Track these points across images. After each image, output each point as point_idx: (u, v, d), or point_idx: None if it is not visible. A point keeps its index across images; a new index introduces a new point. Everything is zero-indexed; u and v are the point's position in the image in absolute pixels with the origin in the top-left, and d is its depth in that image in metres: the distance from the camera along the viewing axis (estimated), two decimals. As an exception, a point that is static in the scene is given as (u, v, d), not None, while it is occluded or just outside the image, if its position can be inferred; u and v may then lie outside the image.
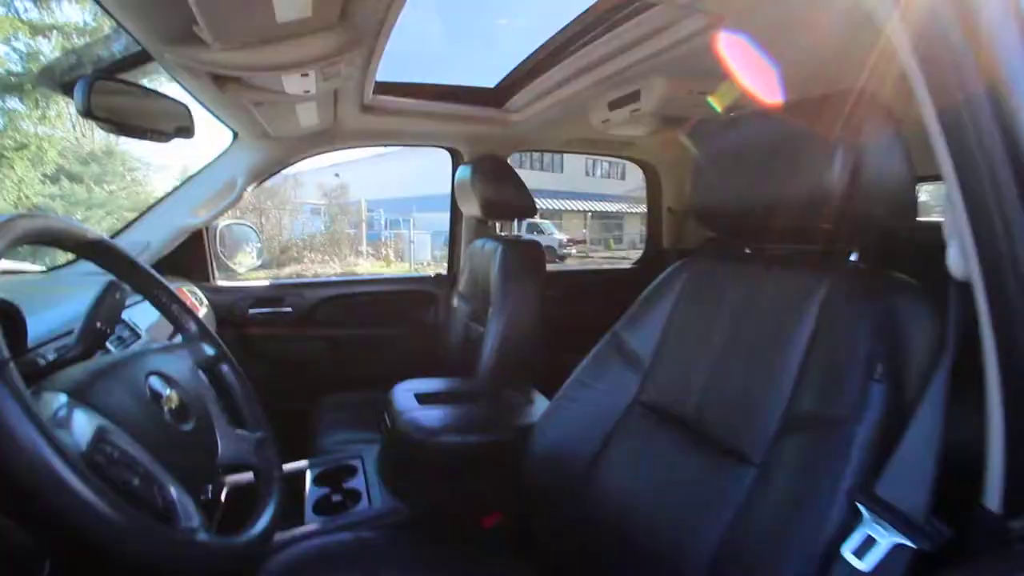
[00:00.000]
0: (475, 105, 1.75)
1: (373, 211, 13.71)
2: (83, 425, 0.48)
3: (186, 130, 1.10)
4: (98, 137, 10.35)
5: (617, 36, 1.10)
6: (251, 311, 1.94)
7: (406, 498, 1.14)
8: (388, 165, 17.29)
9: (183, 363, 0.71)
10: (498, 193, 1.66)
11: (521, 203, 1.70)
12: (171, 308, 0.77)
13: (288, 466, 1.29)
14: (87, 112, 0.85)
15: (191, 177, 1.72)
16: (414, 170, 14.76)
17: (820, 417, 0.64)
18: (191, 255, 1.85)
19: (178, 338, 0.81)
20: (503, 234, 1.89)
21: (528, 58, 1.47)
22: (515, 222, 1.84)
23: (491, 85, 1.74)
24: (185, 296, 1.64)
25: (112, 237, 1.70)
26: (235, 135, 1.66)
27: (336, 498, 1.18)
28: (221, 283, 1.96)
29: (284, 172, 1.94)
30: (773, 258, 0.86)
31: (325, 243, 11.98)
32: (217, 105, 1.28)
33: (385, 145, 1.98)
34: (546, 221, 16.53)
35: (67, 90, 0.83)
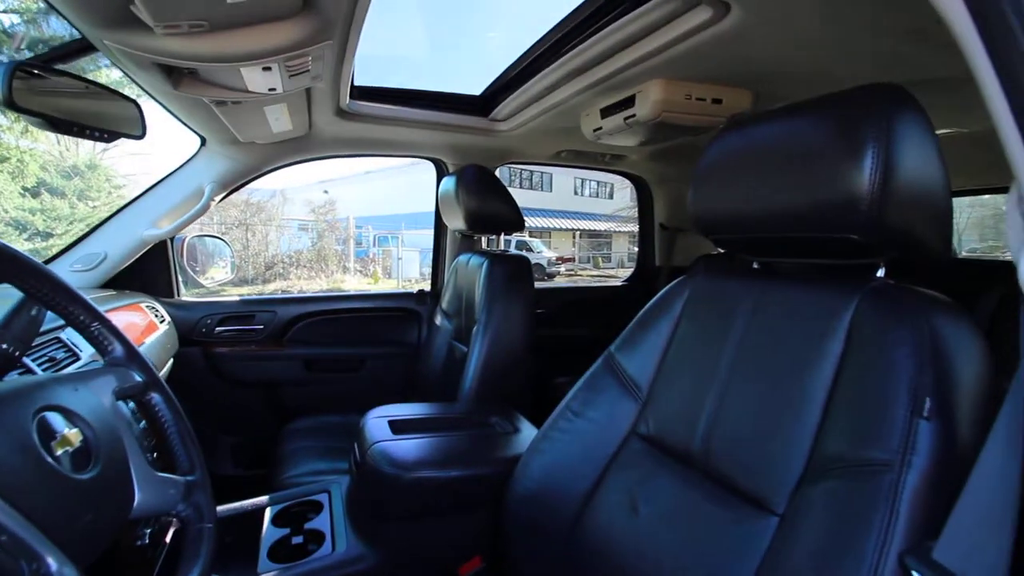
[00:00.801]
0: (460, 113, 1.67)
1: (361, 228, 13.59)
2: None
3: (134, 130, 0.99)
4: (82, 151, 10.19)
5: (610, 35, 1.02)
6: (218, 329, 1.81)
7: (375, 541, 1.01)
8: (378, 182, 17.24)
9: (97, 394, 0.60)
10: (483, 205, 1.57)
11: (508, 216, 1.60)
12: (90, 327, 0.65)
13: (246, 503, 1.16)
14: (8, 102, 0.74)
15: (154, 185, 1.61)
16: (404, 187, 14.72)
17: (856, 461, 0.54)
18: (154, 268, 1.73)
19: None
20: (489, 248, 1.79)
21: (515, 63, 1.39)
22: (500, 238, 1.75)
23: (477, 92, 1.66)
24: (143, 312, 1.52)
25: (67, 249, 1.59)
26: (203, 141, 1.56)
27: (297, 540, 1.05)
28: (186, 298, 1.83)
29: (272, 188, 1.84)
30: (788, 273, 0.76)
31: (312, 259, 11.82)
32: (176, 105, 1.17)
33: (365, 155, 1.89)
34: (535, 239, 16.51)
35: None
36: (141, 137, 1.01)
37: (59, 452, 0.49)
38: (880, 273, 0.67)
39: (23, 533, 0.41)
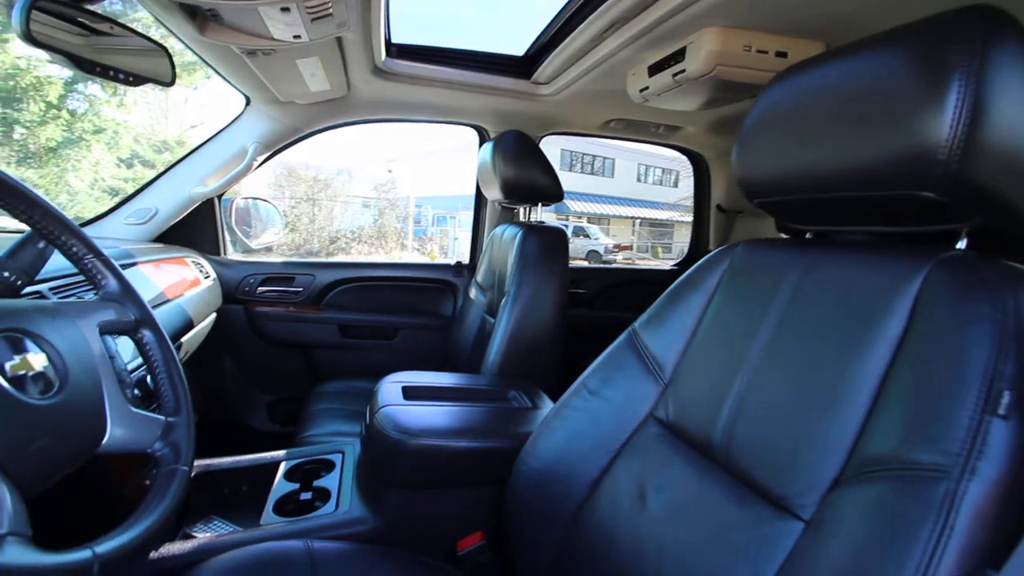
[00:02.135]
0: (501, 75, 1.59)
1: (421, 207, 13.87)
2: None
3: (162, 76, 1.00)
4: (172, 128, 10.95)
5: None
6: (260, 289, 1.86)
7: (377, 506, 0.99)
8: (439, 163, 17.49)
9: (79, 325, 0.58)
10: (520, 173, 1.49)
11: (545, 185, 1.52)
12: (83, 259, 0.65)
13: (265, 455, 1.17)
14: (26, 36, 0.75)
15: (202, 144, 1.65)
16: (463, 169, 14.83)
17: (904, 464, 0.43)
18: (202, 226, 1.79)
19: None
20: (527, 220, 1.72)
21: (556, 16, 1.29)
22: (539, 209, 1.67)
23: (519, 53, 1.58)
24: (188, 267, 1.57)
25: (121, 203, 1.66)
26: (247, 101, 1.58)
27: (305, 496, 1.04)
28: (232, 257, 1.89)
29: (339, 167, 1.85)
30: (845, 243, 0.65)
31: (373, 236, 12.20)
32: (212, 57, 1.17)
33: (406, 120, 1.86)
34: (592, 226, 16.20)
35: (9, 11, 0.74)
36: (170, 84, 1.01)
37: (16, 374, 0.48)
38: (961, 245, 0.55)
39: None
